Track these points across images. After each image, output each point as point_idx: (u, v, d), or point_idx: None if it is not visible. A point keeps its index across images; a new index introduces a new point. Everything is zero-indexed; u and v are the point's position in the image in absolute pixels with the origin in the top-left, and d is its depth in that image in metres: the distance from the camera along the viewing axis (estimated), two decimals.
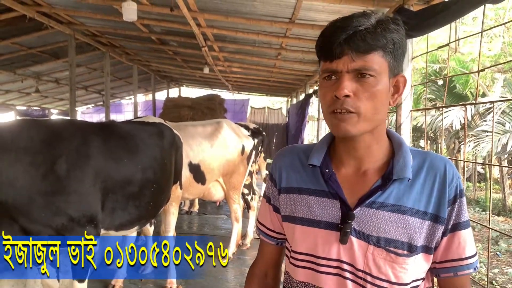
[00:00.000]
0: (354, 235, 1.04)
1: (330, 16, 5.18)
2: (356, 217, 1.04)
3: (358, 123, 1.00)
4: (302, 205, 1.12)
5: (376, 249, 1.02)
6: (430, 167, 1.05)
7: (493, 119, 3.07)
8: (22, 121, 2.74)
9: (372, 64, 0.98)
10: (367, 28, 0.98)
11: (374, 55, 0.98)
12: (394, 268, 1.01)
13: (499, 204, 11.43)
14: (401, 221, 1.01)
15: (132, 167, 3.09)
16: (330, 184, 1.08)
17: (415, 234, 1.01)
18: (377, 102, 0.99)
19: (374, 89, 0.99)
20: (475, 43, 12.64)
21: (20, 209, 2.50)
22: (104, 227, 2.95)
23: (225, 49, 8.33)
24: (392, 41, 0.99)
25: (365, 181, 1.06)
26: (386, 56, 1.00)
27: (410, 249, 1.01)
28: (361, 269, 1.04)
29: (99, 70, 11.40)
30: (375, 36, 0.97)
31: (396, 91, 1.06)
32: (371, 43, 0.97)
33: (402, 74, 1.06)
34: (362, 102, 0.98)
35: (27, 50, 8.64)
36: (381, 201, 1.03)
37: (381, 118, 1.04)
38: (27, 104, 16.21)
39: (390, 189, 1.03)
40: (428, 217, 1.02)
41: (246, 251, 5.37)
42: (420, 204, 1.02)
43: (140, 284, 4.17)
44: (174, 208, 4.11)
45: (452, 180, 1.03)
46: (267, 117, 16.85)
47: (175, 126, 4.54)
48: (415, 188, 1.03)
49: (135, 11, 5.03)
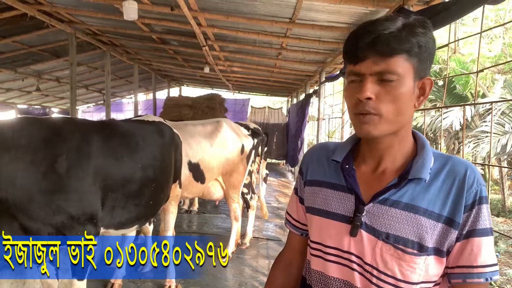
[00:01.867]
0: (364, 229, 1.08)
1: (330, 16, 5.19)
2: (368, 212, 1.08)
3: (380, 124, 1.03)
4: (321, 197, 1.19)
5: (384, 245, 1.05)
6: (450, 170, 1.05)
7: (491, 119, 3.08)
8: (23, 119, 2.74)
9: (395, 68, 1.00)
10: (392, 32, 0.99)
11: (397, 59, 1.00)
12: (400, 265, 1.03)
13: (499, 205, 11.43)
14: (413, 220, 1.03)
15: (132, 166, 3.09)
16: (348, 179, 1.14)
17: (426, 234, 1.02)
18: (399, 104, 1.02)
19: (397, 92, 1.01)
20: (475, 44, 12.64)
21: (20, 207, 2.50)
22: (104, 226, 2.96)
23: (226, 48, 8.34)
24: (417, 44, 1.00)
25: (382, 179, 1.10)
26: (411, 59, 1.01)
27: (420, 249, 1.02)
28: (368, 263, 1.07)
29: (99, 69, 11.42)
30: (399, 40, 0.99)
31: (422, 94, 1.07)
32: (394, 46, 0.99)
33: (428, 77, 1.06)
34: (384, 104, 1.01)
35: (28, 49, 8.66)
36: (394, 199, 1.06)
37: (404, 120, 1.06)
38: (27, 103, 16.22)
39: (405, 189, 1.06)
40: (443, 220, 1.02)
41: (245, 250, 5.38)
42: (435, 206, 1.03)
43: (139, 283, 4.19)
44: (173, 207, 4.12)
45: (471, 186, 1.02)
46: (268, 117, 16.87)
47: (175, 125, 4.55)
48: (431, 190, 1.04)
49: (135, 10, 5.04)
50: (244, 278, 4.46)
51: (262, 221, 7.00)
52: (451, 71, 10.93)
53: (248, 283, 4.31)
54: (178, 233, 4.77)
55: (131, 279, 4.22)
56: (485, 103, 9.32)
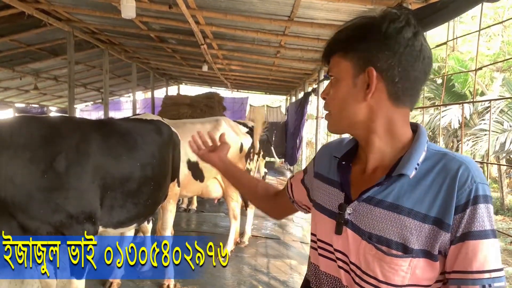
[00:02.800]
0: (350, 228, 1.06)
1: (328, 14, 5.19)
2: (354, 210, 1.06)
3: (331, 121, 1.12)
4: (321, 192, 1.21)
5: (367, 245, 1.02)
6: (442, 168, 0.98)
7: (490, 117, 3.07)
8: (22, 118, 2.74)
9: (332, 67, 1.09)
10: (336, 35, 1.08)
11: (334, 58, 1.08)
12: (382, 267, 0.99)
13: (497, 203, 11.46)
14: (396, 220, 0.98)
15: (130, 164, 3.09)
16: (341, 176, 1.15)
17: (411, 236, 0.96)
18: (340, 101, 1.07)
19: (335, 89, 1.08)
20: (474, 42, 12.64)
21: (19, 205, 2.50)
22: (102, 225, 2.95)
23: (224, 47, 8.33)
24: (352, 39, 1.03)
25: (372, 178, 1.07)
26: (347, 55, 1.04)
27: (404, 250, 0.97)
28: (353, 262, 1.05)
29: (98, 67, 11.40)
30: (334, 42, 1.08)
31: (367, 87, 1.02)
32: (328, 48, 1.09)
33: (370, 67, 1.01)
34: (329, 102, 1.10)
35: (26, 47, 8.64)
36: (380, 198, 1.02)
37: (350, 115, 1.06)
38: (25, 102, 16.20)
39: (392, 187, 1.01)
40: (430, 221, 0.95)
41: (244, 249, 5.38)
42: (421, 206, 0.97)
43: (137, 282, 4.18)
44: (171, 206, 4.11)
45: (464, 184, 0.94)
46: (266, 115, 16.86)
47: (174, 123, 4.54)
48: (419, 188, 0.98)
49: (133, 9, 5.02)
50: (243, 276, 4.45)
51: (261, 219, 7.00)
52: (449, 69, 10.94)
53: (247, 282, 4.31)
54: (176, 232, 4.76)
55: (130, 279, 4.21)
56: (483, 101, 9.34)
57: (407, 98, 1.03)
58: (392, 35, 0.99)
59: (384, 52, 0.99)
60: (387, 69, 1.00)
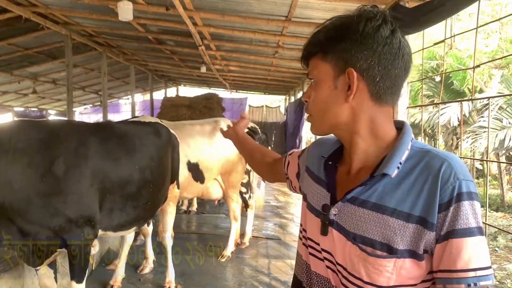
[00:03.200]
0: (336, 229, 1.05)
1: (326, 14, 5.18)
2: (340, 211, 1.05)
3: (314, 123, 1.11)
4: (309, 188, 1.21)
5: (352, 246, 1.01)
6: (424, 166, 0.96)
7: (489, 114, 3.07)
8: (20, 122, 2.73)
9: (311, 70, 1.07)
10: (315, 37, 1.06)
11: (313, 60, 1.07)
12: (366, 267, 0.98)
13: (498, 200, 11.46)
14: (380, 221, 0.97)
15: (129, 167, 3.08)
16: (328, 176, 1.14)
17: (395, 236, 0.95)
18: (319, 103, 1.07)
19: (316, 92, 1.07)
20: (472, 39, 12.64)
21: (18, 210, 2.49)
22: (102, 228, 2.94)
23: (222, 47, 8.33)
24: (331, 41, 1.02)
25: (357, 178, 1.06)
26: (326, 56, 1.03)
27: (389, 251, 0.95)
28: (339, 263, 1.05)
29: (96, 70, 11.40)
30: (313, 44, 1.06)
31: (349, 88, 1.01)
32: (308, 51, 1.07)
33: (350, 68, 0.99)
34: (311, 105, 1.09)
35: (24, 51, 8.64)
36: (363, 199, 1.01)
37: (332, 117, 1.05)
38: (24, 105, 16.20)
39: (375, 187, 1.00)
40: (414, 220, 0.94)
41: (245, 250, 5.37)
42: (404, 206, 0.95)
43: (138, 284, 4.17)
44: (171, 208, 4.11)
45: (447, 182, 0.92)
46: (266, 116, 16.86)
47: (173, 125, 4.53)
48: (401, 188, 0.97)
49: (131, 11, 5.02)
50: (244, 277, 4.45)
51: (261, 220, 6.99)
52: (448, 67, 10.94)
53: (247, 283, 4.30)
54: (177, 234, 4.75)
55: (131, 280, 4.21)
56: (482, 98, 9.34)
57: (389, 96, 1.02)
58: (369, 34, 0.98)
59: (363, 52, 0.98)
60: (367, 68, 0.99)
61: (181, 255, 4.88)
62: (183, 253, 5.02)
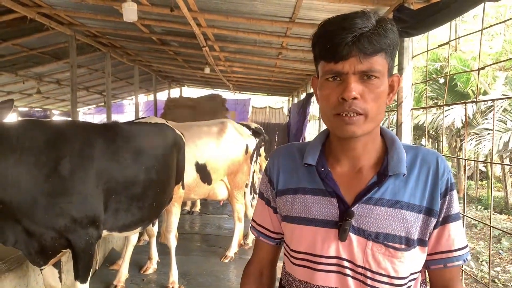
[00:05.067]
0: (352, 232, 1.05)
1: (330, 15, 5.11)
2: (354, 214, 1.05)
3: (365, 124, 1.01)
4: (298, 205, 1.13)
5: (375, 245, 1.03)
6: (423, 161, 1.08)
7: (493, 117, 3.06)
8: (27, 122, 2.74)
9: (377, 66, 0.98)
10: (371, 30, 0.97)
11: (379, 57, 0.99)
12: (393, 263, 1.02)
13: (501, 202, 11.42)
14: (398, 215, 1.03)
15: (135, 168, 3.08)
16: (327, 182, 1.10)
17: (412, 228, 1.03)
18: (381, 103, 1.02)
19: (379, 90, 1.00)
20: (476, 41, 12.62)
21: (23, 209, 2.49)
22: (107, 228, 2.95)
23: (226, 49, 8.34)
24: (391, 41, 1.00)
25: (361, 178, 1.08)
26: (387, 57, 1.01)
27: (407, 243, 1.03)
28: (360, 265, 1.05)
29: (100, 71, 11.42)
30: (379, 38, 0.97)
31: (391, 91, 1.07)
32: (377, 45, 0.97)
33: (397, 74, 1.08)
34: (368, 103, 0.99)
35: (28, 52, 8.67)
36: (377, 197, 1.04)
37: (382, 118, 1.06)
38: (29, 105, 16.25)
39: (386, 185, 1.05)
40: (423, 211, 1.04)
41: (248, 250, 5.37)
42: (415, 199, 1.04)
43: (142, 284, 4.18)
44: (176, 208, 4.12)
45: (443, 174, 1.06)
46: (269, 117, 16.85)
47: (181, 126, 4.54)
48: (410, 183, 1.06)
49: (135, 12, 5.03)
50: None
51: None
52: (452, 69, 10.92)
53: None
54: (180, 235, 4.76)
55: (134, 280, 4.22)
56: (486, 100, 9.31)
57: None
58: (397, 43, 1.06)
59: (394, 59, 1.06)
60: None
61: (185, 255, 4.88)
62: (187, 254, 5.03)
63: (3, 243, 2.55)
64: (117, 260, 4.52)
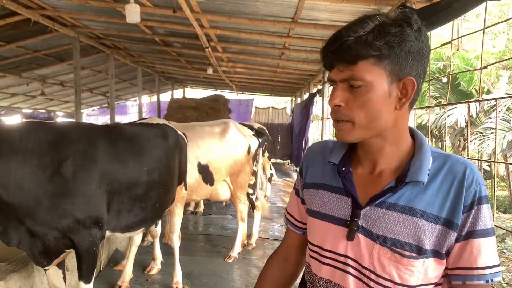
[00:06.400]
0: (361, 233, 1.06)
1: (332, 15, 5.19)
2: (364, 215, 1.06)
3: (353, 131, 1.02)
4: (318, 200, 1.18)
5: (381, 248, 1.03)
6: (448, 170, 1.02)
7: (496, 116, 3.06)
8: (30, 123, 2.75)
9: (360, 74, 0.97)
10: (358, 37, 0.95)
11: (362, 64, 0.97)
12: (398, 269, 1.01)
13: (505, 202, 11.38)
14: (410, 223, 1.00)
15: (137, 169, 3.10)
16: (345, 182, 1.12)
17: (424, 237, 0.99)
18: (370, 110, 0.99)
19: (365, 98, 0.99)
20: (479, 40, 12.57)
21: (27, 210, 2.51)
22: (110, 229, 2.96)
23: (229, 49, 8.36)
24: (387, 45, 0.95)
25: (379, 182, 1.08)
26: (381, 62, 0.97)
27: (418, 251, 1.00)
28: (366, 267, 1.05)
29: (103, 72, 11.48)
30: (363, 45, 0.95)
31: (404, 95, 1.01)
32: (357, 52, 0.96)
33: (409, 77, 0.99)
34: (353, 111, 1.00)
35: (32, 53, 8.72)
36: (391, 202, 1.03)
37: (382, 125, 1.03)
38: (32, 107, 16.33)
39: (403, 191, 1.03)
40: (441, 222, 0.99)
41: (252, 250, 5.38)
42: (433, 208, 1.00)
43: (146, 284, 4.19)
44: (179, 209, 4.12)
45: (470, 186, 0.98)
46: (272, 117, 16.85)
47: (183, 126, 4.55)
48: (429, 191, 1.01)
49: (138, 13, 5.05)
50: (251, 278, 4.45)
51: (268, 221, 7.00)
52: (455, 68, 10.89)
53: (254, 284, 4.30)
54: (184, 235, 4.77)
55: (138, 280, 4.23)
56: (490, 99, 9.29)
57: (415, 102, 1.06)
58: (424, 43, 0.99)
59: (419, 61, 1.00)
60: (417, 77, 1.01)
61: (188, 256, 4.90)
62: (190, 254, 5.04)
63: (7, 244, 2.57)
64: (121, 260, 4.53)
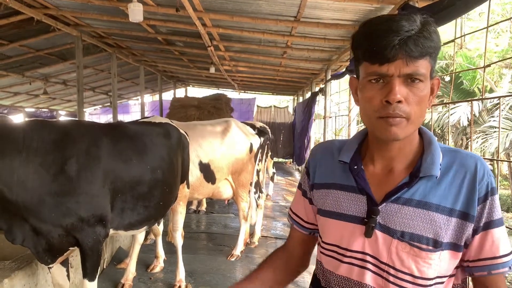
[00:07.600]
0: (379, 229, 1.07)
1: (335, 14, 5.19)
2: (381, 212, 1.07)
3: (407, 127, 1.01)
4: (331, 199, 1.18)
5: (400, 243, 1.05)
6: (460, 165, 1.06)
7: (499, 114, 3.06)
8: (33, 122, 2.76)
9: (422, 69, 0.98)
10: (417, 33, 0.96)
11: (424, 60, 0.98)
12: (417, 262, 1.03)
13: (508, 201, 11.37)
14: (426, 217, 1.03)
15: (140, 168, 3.11)
16: (358, 180, 1.13)
17: (440, 230, 1.02)
18: (423, 106, 1.01)
19: (422, 94, 1.00)
20: (482, 38, 12.55)
21: (31, 209, 2.52)
22: (114, 227, 2.98)
23: (231, 48, 8.36)
24: (436, 45, 0.99)
25: (393, 178, 1.10)
26: (431, 60, 1.00)
27: (435, 244, 1.02)
28: (384, 262, 1.07)
29: (106, 71, 11.49)
30: (425, 41, 0.96)
31: (431, 93, 1.04)
32: (423, 48, 0.96)
33: (437, 77, 1.06)
34: (412, 107, 0.99)
35: (35, 53, 8.74)
36: (406, 197, 1.06)
37: (422, 121, 1.07)
38: (35, 106, 16.37)
39: (417, 186, 1.05)
40: (456, 214, 1.02)
41: (254, 249, 5.39)
42: (446, 201, 1.03)
43: (149, 282, 4.21)
44: (181, 207, 4.14)
45: (482, 178, 1.03)
46: (274, 116, 16.86)
47: (185, 125, 4.56)
48: (442, 185, 1.05)
49: (141, 12, 5.06)
50: None
51: (270, 220, 7.01)
52: (458, 67, 10.87)
53: None
54: (187, 234, 4.78)
55: (142, 279, 4.25)
56: (493, 98, 9.27)
57: None
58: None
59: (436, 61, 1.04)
60: None
61: (191, 254, 4.91)
62: (193, 252, 5.05)
63: (11, 242, 2.58)
64: (125, 259, 4.55)
